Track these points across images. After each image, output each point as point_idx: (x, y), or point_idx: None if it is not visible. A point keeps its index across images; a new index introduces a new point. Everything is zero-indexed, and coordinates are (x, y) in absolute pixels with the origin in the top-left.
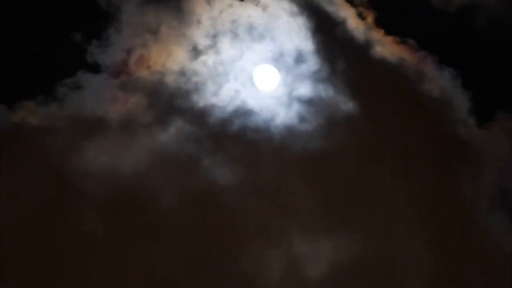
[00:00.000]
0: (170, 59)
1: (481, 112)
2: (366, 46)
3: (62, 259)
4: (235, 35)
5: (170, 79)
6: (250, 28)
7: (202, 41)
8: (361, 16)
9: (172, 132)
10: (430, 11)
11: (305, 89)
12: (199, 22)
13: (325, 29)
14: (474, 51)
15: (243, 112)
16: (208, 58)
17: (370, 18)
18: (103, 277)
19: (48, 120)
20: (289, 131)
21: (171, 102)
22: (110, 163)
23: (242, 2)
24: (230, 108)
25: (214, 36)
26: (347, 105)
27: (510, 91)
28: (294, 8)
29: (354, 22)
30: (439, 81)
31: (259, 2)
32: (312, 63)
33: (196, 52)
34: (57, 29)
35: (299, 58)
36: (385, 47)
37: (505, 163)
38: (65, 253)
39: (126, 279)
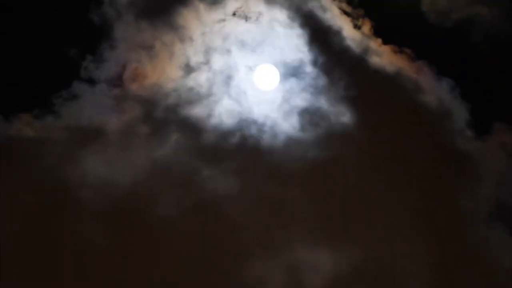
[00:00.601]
0: (165, 73)
1: (479, 123)
2: (363, 56)
3: (61, 268)
4: (228, 50)
5: (165, 92)
6: (243, 42)
7: (195, 57)
8: (357, 25)
9: (171, 143)
10: (428, 26)
11: (302, 100)
12: (191, 37)
13: (321, 40)
14: (471, 63)
15: (240, 124)
16: (202, 73)
17: (367, 28)
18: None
19: (44, 131)
20: (288, 142)
21: (168, 114)
22: (108, 174)
23: (234, 17)
24: (226, 120)
25: (207, 51)
26: (345, 116)
27: (508, 103)
28: (288, 19)
29: (350, 31)
30: (437, 91)
31: (250, 18)
32: (309, 74)
33: (190, 66)
34: (53, 44)
35: (296, 69)
36: (383, 57)
37: (503, 175)
38: (64, 263)
39: None
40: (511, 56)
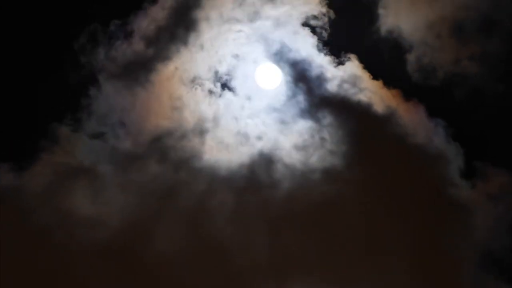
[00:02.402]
0: (148, 128)
1: (470, 167)
2: (352, 95)
3: None
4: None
5: (150, 138)
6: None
7: (174, 114)
8: (342, 62)
9: (164, 183)
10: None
11: (293, 139)
12: (170, 94)
13: (304, 82)
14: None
15: (234, 167)
16: (184, 125)
17: (355, 66)
18: None
19: (28, 179)
20: (278, 184)
21: (157, 156)
22: (100, 217)
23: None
24: (218, 162)
25: (180, 110)
26: (337, 156)
27: (500, 150)
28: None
29: (336, 69)
30: (428, 132)
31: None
32: (296, 117)
33: (169, 127)
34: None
35: (282, 112)
36: (373, 95)
37: (494, 221)
38: None
39: None
40: (496, 109)
